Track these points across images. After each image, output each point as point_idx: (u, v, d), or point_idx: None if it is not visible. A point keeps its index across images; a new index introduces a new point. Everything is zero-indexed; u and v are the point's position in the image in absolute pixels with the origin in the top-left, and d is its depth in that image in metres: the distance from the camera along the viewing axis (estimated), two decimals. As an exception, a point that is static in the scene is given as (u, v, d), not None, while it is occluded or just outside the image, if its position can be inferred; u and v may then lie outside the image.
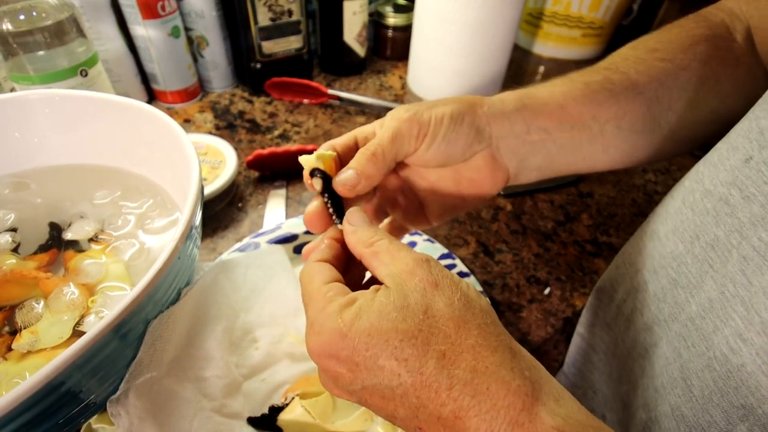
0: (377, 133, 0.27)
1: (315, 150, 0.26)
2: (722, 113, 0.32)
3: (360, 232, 0.23)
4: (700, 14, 0.34)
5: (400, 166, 0.29)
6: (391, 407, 0.19)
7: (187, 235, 0.24)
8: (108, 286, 0.29)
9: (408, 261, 0.20)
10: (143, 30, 0.53)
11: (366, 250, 0.22)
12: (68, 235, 0.32)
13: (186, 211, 0.25)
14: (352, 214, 0.24)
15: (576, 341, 0.39)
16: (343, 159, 0.27)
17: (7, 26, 0.40)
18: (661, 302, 0.28)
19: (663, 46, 0.31)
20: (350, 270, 0.25)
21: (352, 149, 0.27)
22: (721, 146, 0.27)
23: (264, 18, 0.55)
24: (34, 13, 0.41)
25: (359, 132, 0.28)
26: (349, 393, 0.21)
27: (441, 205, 0.31)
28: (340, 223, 0.24)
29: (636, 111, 0.30)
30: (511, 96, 0.30)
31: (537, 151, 0.30)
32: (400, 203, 0.31)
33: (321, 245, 0.25)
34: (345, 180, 0.25)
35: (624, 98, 0.30)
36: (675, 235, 0.28)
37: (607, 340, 0.35)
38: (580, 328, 0.38)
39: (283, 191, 0.48)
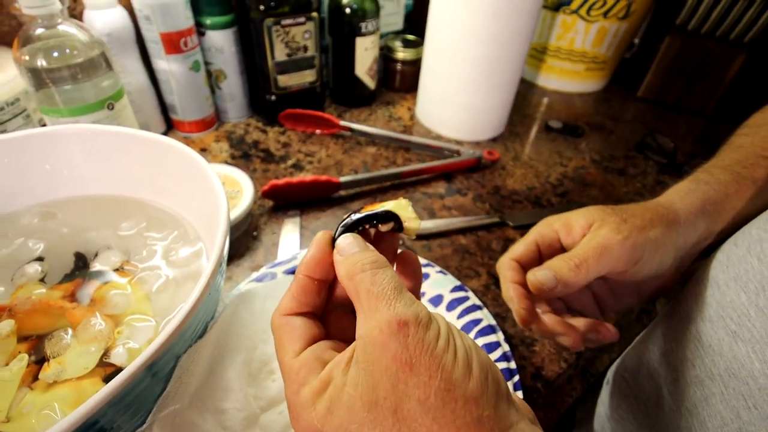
0: (576, 239, 0.28)
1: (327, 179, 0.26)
2: None
3: (347, 260, 0.20)
4: None
5: None
6: None
7: (217, 271, 0.25)
8: (134, 317, 0.30)
9: (383, 323, 0.17)
10: (166, 64, 0.55)
11: (349, 283, 0.19)
12: (95, 266, 0.33)
13: (216, 247, 0.26)
14: (346, 242, 0.21)
15: (619, 384, 0.38)
16: (521, 262, 0.29)
17: (42, 63, 0.42)
18: (716, 355, 0.27)
19: None
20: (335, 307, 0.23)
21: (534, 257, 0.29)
22: None
23: (281, 53, 0.58)
24: (67, 50, 0.43)
25: (540, 237, 0.30)
26: None
27: (616, 304, 0.32)
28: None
29: None
30: (691, 199, 0.30)
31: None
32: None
33: (292, 287, 0.22)
34: (542, 279, 0.25)
35: None
36: (737, 284, 0.27)
37: (649, 390, 0.34)
38: (625, 372, 0.38)
39: (297, 220, 0.49)
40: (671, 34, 0.74)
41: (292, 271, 0.40)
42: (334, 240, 0.22)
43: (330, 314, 0.23)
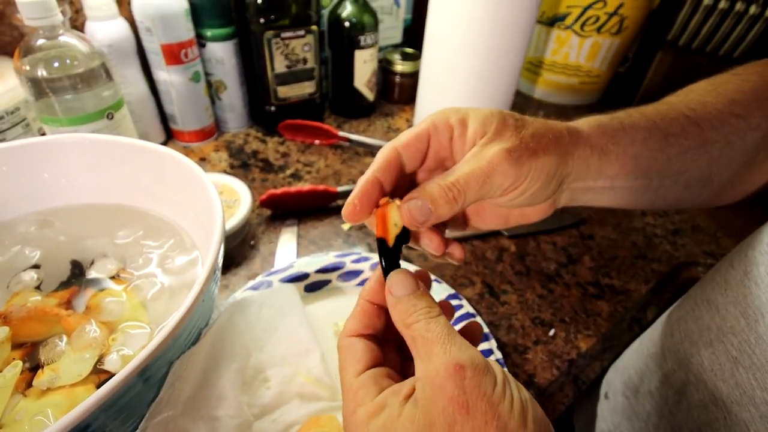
0: (458, 159, 0.24)
1: (326, 189, 0.24)
2: None
3: (400, 305, 0.21)
4: None
5: None
6: None
7: (211, 279, 0.26)
8: (128, 324, 0.30)
9: (440, 366, 0.17)
10: (166, 75, 0.56)
11: (405, 331, 0.20)
12: (92, 273, 0.33)
13: (210, 255, 0.26)
14: (394, 280, 0.21)
15: (620, 402, 0.38)
16: (405, 151, 0.24)
17: (42, 73, 0.42)
18: (719, 380, 0.26)
19: (742, 97, 0.29)
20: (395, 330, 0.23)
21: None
22: None
23: (280, 65, 0.59)
24: (68, 61, 0.43)
25: (433, 128, 0.24)
26: None
27: (483, 221, 0.29)
28: (386, 274, 0.22)
29: (697, 168, 0.28)
30: (598, 132, 0.27)
31: (591, 195, 0.28)
32: None
33: (356, 309, 0.23)
34: (416, 212, 0.22)
35: (692, 156, 0.28)
36: (736, 308, 0.26)
37: (649, 410, 0.34)
38: (627, 390, 0.37)
39: (294, 229, 0.49)
40: (663, 49, 0.76)
41: (289, 280, 0.40)
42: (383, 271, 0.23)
43: (385, 345, 0.24)
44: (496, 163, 0.22)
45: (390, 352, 0.24)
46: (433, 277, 0.43)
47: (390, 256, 0.23)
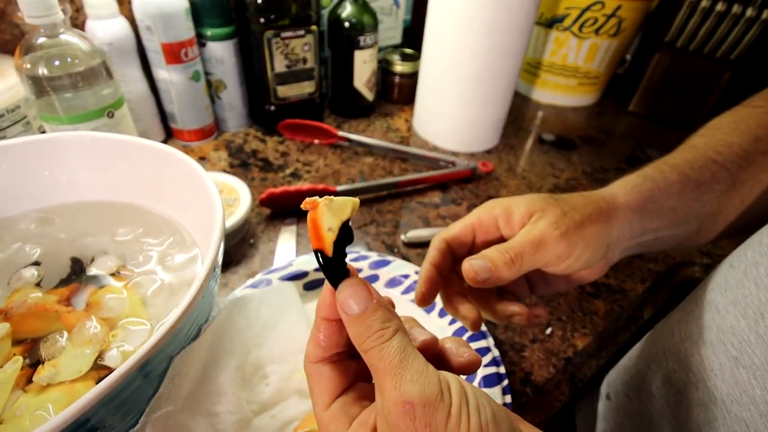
0: (514, 228, 0.27)
1: (323, 191, 0.21)
2: None
3: (353, 327, 0.19)
4: None
5: None
6: None
7: (211, 275, 0.26)
8: (128, 321, 0.30)
9: (390, 404, 0.17)
10: (166, 74, 0.56)
11: (363, 355, 0.19)
12: (92, 270, 0.33)
13: (210, 251, 0.26)
14: (344, 294, 0.19)
15: (623, 401, 0.38)
16: (453, 244, 0.28)
17: (43, 71, 0.42)
18: (719, 380, 0.27)
19: (765, 133, 0.30)
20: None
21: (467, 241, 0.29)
22: None
23: (280, 65, 0.59)
24: (68, 59, 0.44)
25: (478, 222, 0.28)
26: None
27: (548, 287, 0.32)
28: (334, 288, 0.20)
29: (731, 206, 0.30)
30: (634, 196, 0.29)
31: (640, 248, 0.31)
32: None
33: (313, 332, 0.21)
34: (477, 268, 0.24)
35: (725, 197, 0.30)
36: (736, 308, 0.26)
37: (651, 409, 0.34)
38: (629, 390, 0.37)
39: (293, 228, 0.50)
40: (660, 51, 0.76)
41: (288, 278, 0.40)
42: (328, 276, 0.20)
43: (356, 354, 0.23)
44: (546, 233, 0.26)
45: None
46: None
47: (332, 265, 0.19)
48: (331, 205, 0.19)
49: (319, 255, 0.19)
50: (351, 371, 0.21)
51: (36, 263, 0.34)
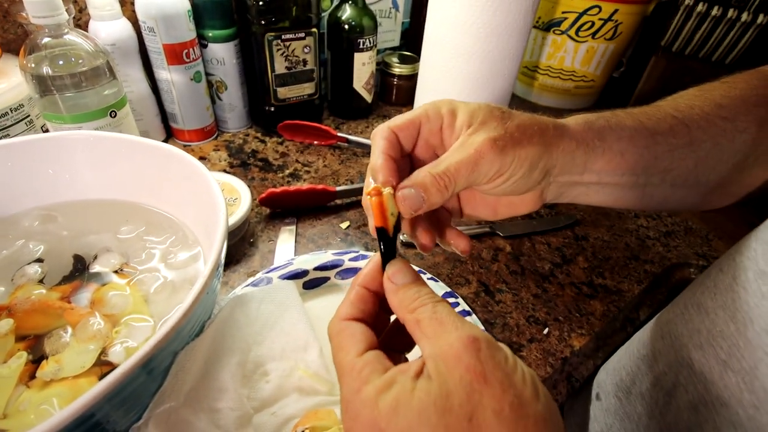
0: (448, 146, 0.25)
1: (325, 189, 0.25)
2: (765, 177, 0.31)
3: (402, 293, 0.21)
4: (765, 73, 0.33)
5: None
6: None
7: (214, 273, 0.26)
8: (132, 317, 0.31)
9: (453, 341, 0.18)
10: (167, 74, 0.56)
11: (408, 316, 0.20)
12: (95, 268, 0.34)
13: (214, 249, 0.27)
14: (395, 268, 0.22)
15: (613, 403, 0.38)
16: (399, 134, 0.26)
17: (47, 70, 0.43)
18: (708, 383, 0.27)
19: (728, 102, 0.30)
20: (382, 320, 0.24)
21: (413, 136, 0.26)
22: None
23: (280, 66, 0.59)
24: (72, 59, 0.44)
25: (425, 117, 0.26)
26: None
27: (474, 210, 0.30)
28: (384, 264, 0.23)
29: (684, 167, 0.29)
30: (584, 128, 0.28)
31: (579, 190, 0.29)
32: None
33: (351, 295, 0.23)
34: (410, 201, 0.23)
35: (679, 154, 0.29)
36: (725, 312, 0.26)
37: (640, 411, 0.34)
38: (619, 392, 0.38)
39: (293, 228, 0.50)
40: (657, 54, 0.77)
41: (288, 277, 0.41)
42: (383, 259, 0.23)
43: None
44: (482, 152, 0.24)
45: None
46: (429, 275, 0.43)
47: (389, 244, 0.23)
48: (391, 197, 0.24)
49: (382, 232, 0.24)
50: (374, 337, 0.22)
51: (39, 260, 0.34)
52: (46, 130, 0.50)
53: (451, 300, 0.40)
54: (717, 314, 0.27)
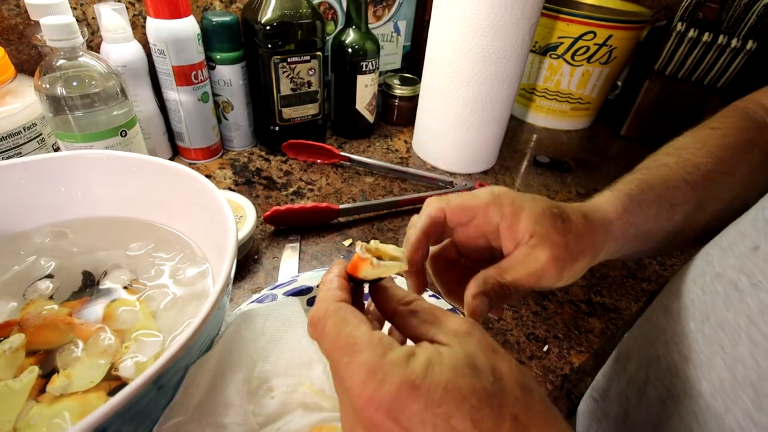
0: (505, 246, 0.27)
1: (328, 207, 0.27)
2: (744, 208, 0.33)
3: (392, 289, 0.23)
4: (746, 113, 0.35)
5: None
6: None
7: (225, 289, 0.27)
8: (141, 333, 0.31)
9: (458, 321, 0.20)
10: (176, 95, 0.58)
11: (403, 308, 0.21)
12: (105, 284, 0.34)
13: (225, 266, 0.28)
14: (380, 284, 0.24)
15: (589, 405, 0.39)
16: (447, 219, 0.28)
17: (62, 91, 0.44)
18: (674, 377, 0.28)
19: (725, 154, 0.32)
20: None
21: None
22: (730, 232, 0.28)
23: (286, 88, 0.61)
24: (86, 80, 0.46)
25: (482, 210, 0.27)
26: None
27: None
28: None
29: (696, 226, 0.32)
30: (623, 221, 0.30)
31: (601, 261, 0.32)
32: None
33: (332, 284, 0.23)
34: (478, 307, 0.25)
35: (692, 217, 0.31)
36: (686, 312, 0.28)
37: (617, 411, 0.35)
38: (595, 394, 0.39)
39: (296, 245, 0.51)
40: (651, 78, 0.80)
41: (292, 293, 0.42)
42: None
43: None
44: (545, 270, 0.26)
45: None
46: (431, 293, 0.44)
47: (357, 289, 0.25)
48: (378, 266, 0.22)
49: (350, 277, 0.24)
50: None
51: (50, 276, 0.35)
52: (57, 149, 0.51)
53: (453, 317, 0.41)
54: (680, 314, 0.29)
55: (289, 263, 0.49)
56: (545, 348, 0.42)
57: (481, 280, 0.26)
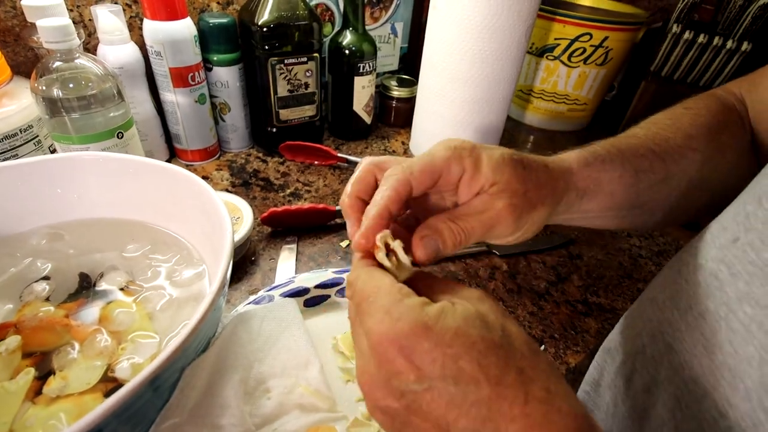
0: (462, 196, 0.26)
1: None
2: (716, 196, 0.34)
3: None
4: (719, 98, 0.36)
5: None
6: (452, 416, 0.18)
7: (221, 290, 0.27)
8: (138, 334, 0.31)
9: (473, 291, 0.22)
10: (173, 96, 0.58)
11: (420, 282, 0.23)
12: (102, 285, 0.34)
13: (221, 267, 0.28)
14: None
15: (581, 397, 0.40)
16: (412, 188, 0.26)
17: (58, 93, 0.44)
18: (658, 365, 0.29)
19: (696, 132, 0.33)
20: None
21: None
22: (714, 225, 0.29)
23: (283, 89, 0.61)
24: (82, 82, 0.46)
25: (445, 169, 0.26)
26: (398, 395, 0.19)
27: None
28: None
29: (659, 198, 0.33)
30: (585, 173, 0.30)
31: (563, 218, 0.32)
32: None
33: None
34: (428, 248, 0.24)
35: (657, 188, 0.32)
36: (672, 303, 0.29)
37: (608, 401, 0.36)
38: (586, 386, 0.40)
39: (293, 246, 0.51)
40: (647, 79, 0.80)
41: (289, 294, 0.42)
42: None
43: None
44: (502, 217, 0.25)
45: None
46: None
47: None
48: (382, 259, 0.24)
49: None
50: None
51: (46, 278, 0.35)
52: (53, 151, 0.51)
53: (449, 318, 0.41)
54: (665, 304, 0.30)
55: (286, 264, 0.49)
56: (542, 348, 0.42)
57: (432, 222, 0.25)
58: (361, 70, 0.67)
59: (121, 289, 0.34)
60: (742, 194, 0.27)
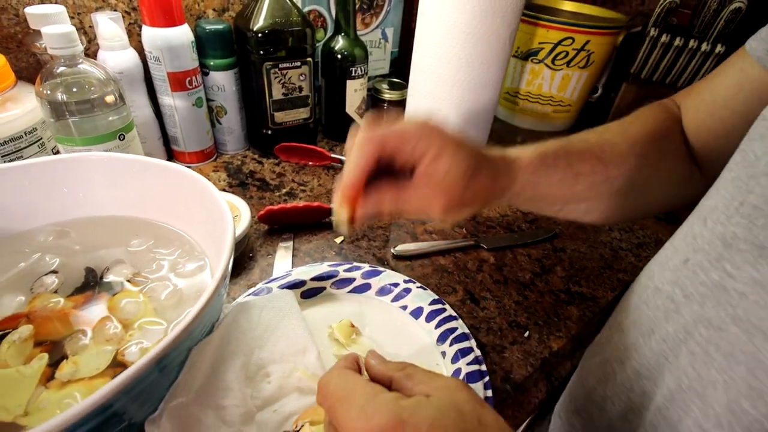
0: (419, 175, 0.30)
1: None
2: (660, 196, 0.37)
3: (386, 362, 0.25)
4: (666, 107, 0.39)
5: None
6: None
7: (223, 279, 0.29)
8: (145, 321, 0.33)
9: (448, 380, 0.22)
10: (171, 100, 0.60)
11: (398, 373, 0.24)
12: (109, 277, 0.36)
13: (224, 254, 0.30)
14: (372, 355, 0.27)
15: (555, 422, 0.42)
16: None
17: (62, 97, 0.46)
18: (630, 392, 0.30)
19: (642, 138, 0.36)
20: None
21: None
22: (667, 247, 0.30)
23: (278, 93, 0.64)
24: (85, 87, 0.48)
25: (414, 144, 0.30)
26: None
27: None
28: None
29: (599, 198, 0.36)
30: (528, 180, 0.33)
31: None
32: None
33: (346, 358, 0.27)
34: (368, 211, 0.31)
35: (596, 189, 0.35)
36: (635, 328, 0.30)
37: (579, 427, 0.37)
38: (561, 412, 0.41)
39: (290, 243, 0.53)
40: (627, 81, 0.83)
41: (287, 287, 0.44)
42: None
43: None
44: (433, 209, 0.31)
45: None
46: (418, 284, 0.47)
47: None
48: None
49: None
50: None
51: (54, 272, 0.37)
52: (57, 152, 0.53)
53: (439, 306, 0.43)
54: (629, 330, 0.31)
55: (283, 260, 0.51)
56: (526, 334, 0.45)
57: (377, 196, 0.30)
58: (352, 74, 0.69)
59: (128, 281, 0.36)
60: (690, 215, 0.28)
